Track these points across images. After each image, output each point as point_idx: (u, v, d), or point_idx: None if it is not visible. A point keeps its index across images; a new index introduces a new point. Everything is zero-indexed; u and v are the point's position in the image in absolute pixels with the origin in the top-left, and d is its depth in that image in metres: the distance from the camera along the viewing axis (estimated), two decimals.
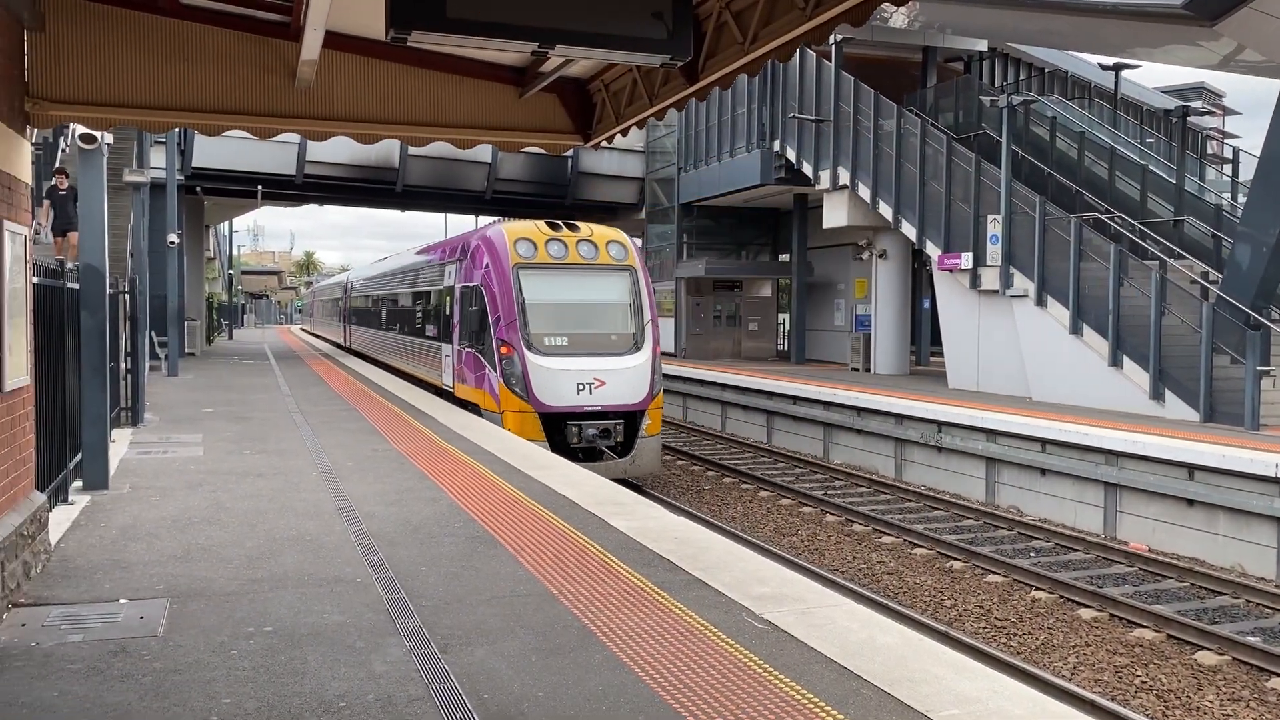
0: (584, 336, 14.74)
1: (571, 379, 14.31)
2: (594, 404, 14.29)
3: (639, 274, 15.37)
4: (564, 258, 15.23)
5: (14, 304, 5.80)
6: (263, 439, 12.43)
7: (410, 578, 6.18)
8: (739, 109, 28.76)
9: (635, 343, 14.88)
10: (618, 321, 15.01)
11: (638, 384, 14.56)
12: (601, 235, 15.77)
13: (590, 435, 14.27)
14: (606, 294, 15.22)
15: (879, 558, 12.18)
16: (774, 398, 21.23)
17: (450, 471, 10.08)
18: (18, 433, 5.96)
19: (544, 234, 15.43)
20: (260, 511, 8.13)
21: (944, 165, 21.49)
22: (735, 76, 5.41)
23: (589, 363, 14.46)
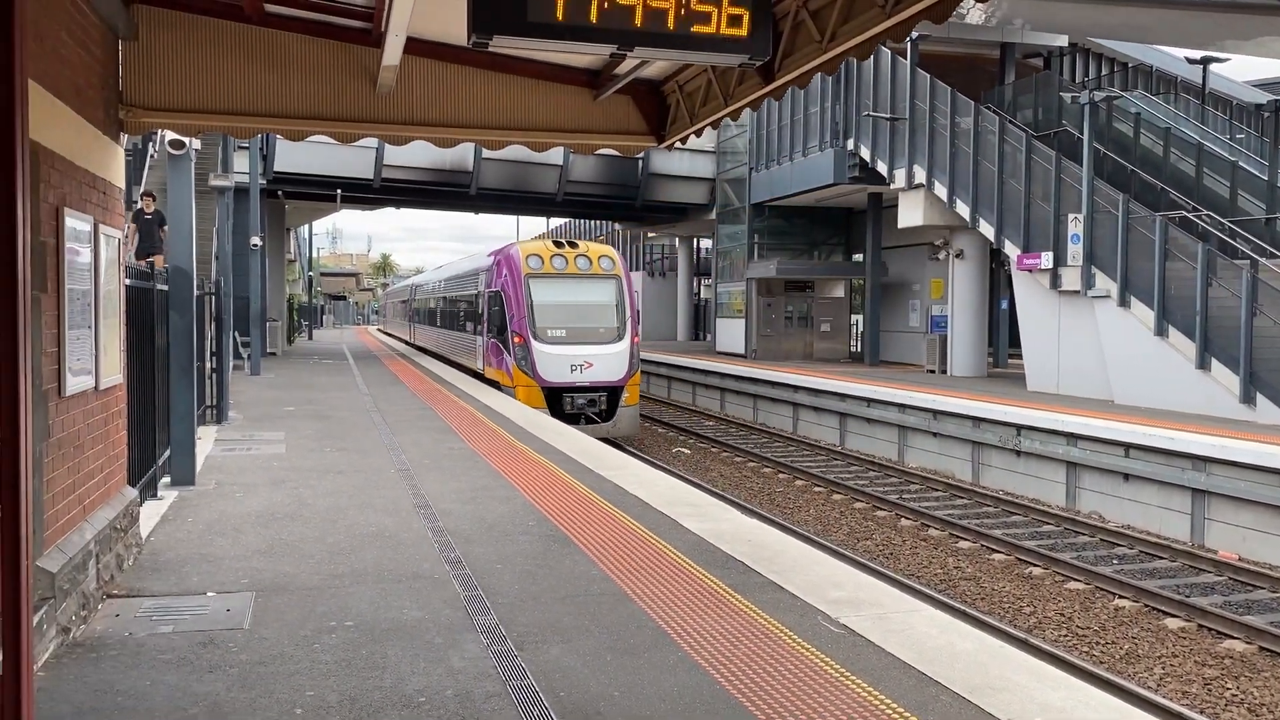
0: (577, 329, 18.96)
1: (567, 361, 18.60)
2: (584, 380, 18.66)
3: (623, 281, 19.65)
4: (564, 269, 19.49)
5: (108, 305, 6.00)
6: (342, 437, 12.69)
7: (486, 575, 6.24)
8: (812, 108, 28.52)
9: (618, 334, 19.15)
10: (604, 318, 19.21)
11: (618, 366, 18.89)
12: (595, 251, 19.97)
13: (580, 404, 18.60)
14: (596, 297, 19.35)
15: (956, 563, 11.97)
16: (847, 400, 21.01)
17: (523, 470, 10.17)
18: (111, 430, 6.17)
19: (550, 250, 19.70)
20: (340, 508, 8.29)
21: (1023, 163, 21.03)
22: (812, 75, 5.36)
23: (581, 350, 18.70)
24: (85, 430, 5.51)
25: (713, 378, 27.94)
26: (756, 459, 18.93)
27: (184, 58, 6.73)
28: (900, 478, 17.24)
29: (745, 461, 18.97)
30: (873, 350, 28.65)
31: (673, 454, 19.90)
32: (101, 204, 5.92)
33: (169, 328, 8.89)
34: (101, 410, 5.89)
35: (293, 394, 18.65)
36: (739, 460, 19.13)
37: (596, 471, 10.14)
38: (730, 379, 26.75)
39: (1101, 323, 18.95)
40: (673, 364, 31.07)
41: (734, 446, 20.24)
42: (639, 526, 7.64)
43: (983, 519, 14.11)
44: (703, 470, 18.07)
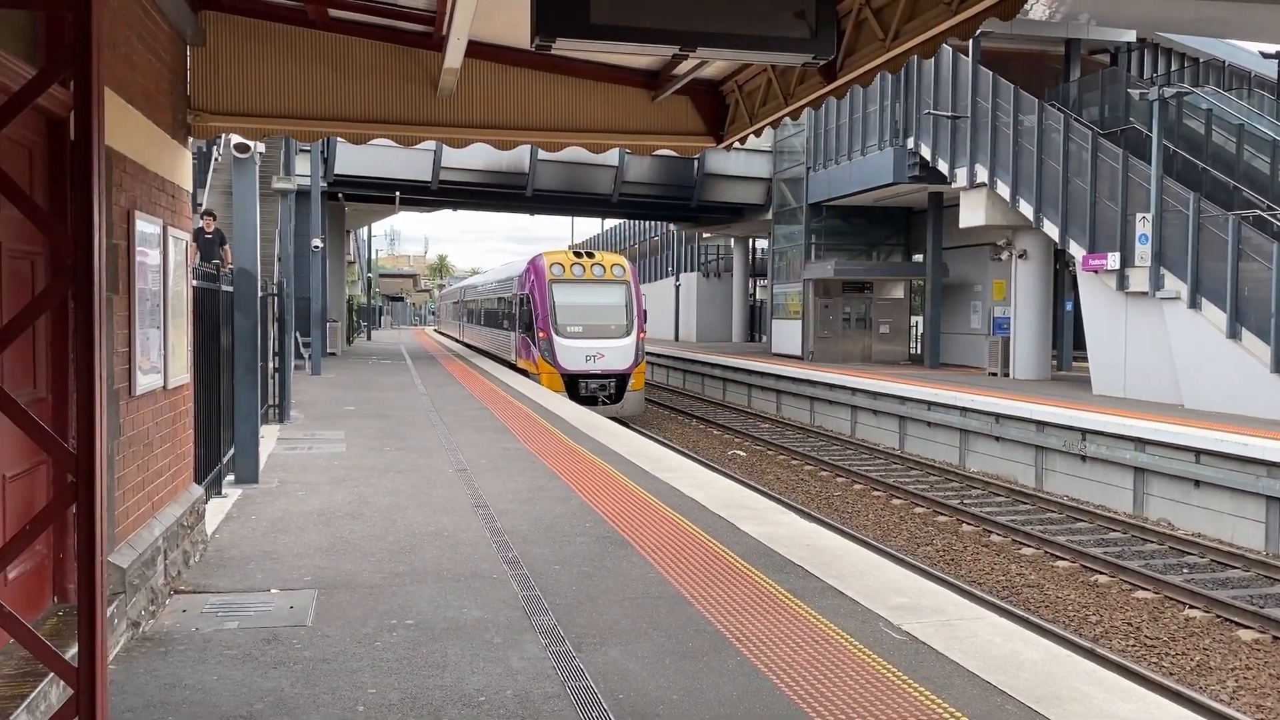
0: (592, 326, 22.55)
1: (582, 352, 22.20)
2: (596, 369, 22.23)
3: (631, 286, 23.33)
4: (582, 275, 23.11)
5: (176, 306, 6.14)
6: (401, 437, 12.85)
7: (544, 575, 6.27)
8: (871, 106, 28.25)
9: (626, 331, 22.77)
10: (614, 316, 22.84)
11: (625, 356, 22.48)
12: (608, 260, 23.69)
13: (593, 389, 22.16)
14: (608, 299, 22.91)
15: (1019, 570, 11.76)
16: (907, 403, 20.77)
17: (579, 471, 10.21)
18: (179, 428, 6.31)
19: (570, 259, 23.41)
20: (400, 507, 8.39)
21: (1089, 161, 20.61)
22: (875, 74, 5.30)
23: (594, 343, 22.38)
24: (154, 429, 5.65)
25: (769, 380, 27.81)
26: (814, 462, 18.80)
27: (249, 62, 6.86)
28: (961, 482, 17.00)
29: (802, 465, 18.85)
30: (933, 352, 28.27)
31: (728, 457, 19.84)
32: (170, 207, 6.05)
33: (234, 328, 9.08)
34: (170, 409, 6.02)
35: (352, 393, 18.94)
36: (796, 463, 19.02)
37: (652, 473, 10.13)
38: (787, 381, 26.60)
39: (1170, 325, 18.49)
40: (727, 365, 30.99)
41: (790, 449, 20.12)
42: (696, 529, 7.62)
43: (1046, 525, 13.85)
44: (759, 473, 17.99)
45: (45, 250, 4.44)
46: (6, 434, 3.84)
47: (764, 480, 17.17)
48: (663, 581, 6.18)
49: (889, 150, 27.03)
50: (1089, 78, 25.39)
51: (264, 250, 17.90)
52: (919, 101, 25.94)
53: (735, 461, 19.29)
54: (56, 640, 3.95)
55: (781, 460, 19.43)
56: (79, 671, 3.14)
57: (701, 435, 23.10)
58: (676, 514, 8.18)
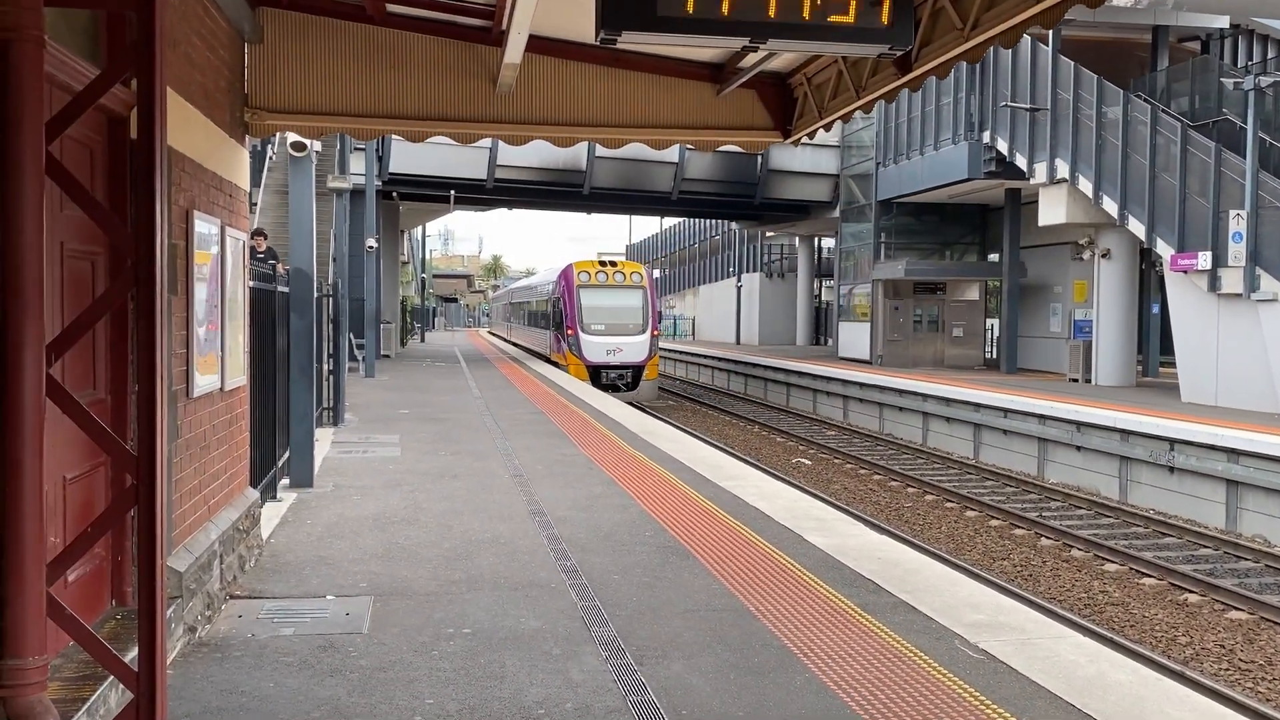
0: (613, 324, 27.52)
1: (604, 347, 27.25)
2: (615, 361, 27.29)
3: (648, 291, 28.30)
4: (605, 281, 28.13)
5: (233, 307, 6.27)
6: (456, 441, 12.99)
7: (603, 585, 6.29)
8: (944, 98, 27.89)
9: (641, 329, 27.66)
10: (632, 316, 27.84)
11: (640, 350, 27.49)
12: (628, 268, 29.09)
13: (612, 378, 27.19)
14: (627, 302, 27.93)
15: (1102, 587, 11.52)
16: (982, 409, 20.46)
17: (639, 478, 10.22)
18: (235, 431, 6.44)
19: (595, 268, 28.79)
20: (456, 512, 8.48)
21: (1178, 155, 20.13)
22: (953, 65, 5.23)
23: (614, 339, 27.41)
24: (211, 431, 5.77)
25: (835, 385, 27.59)
26: (883, 471, 18.61)
27: (307, 60, 6.99)
28: (1039, 494, 16.71)
29: (871, 474, 18.67)
30: (1009, 357, 27.81)
31: (793, 465, 19.73)
32: (228, 206, 6.19)
33: (289, 329, 9.24)
34: (226, 411, 6.15)
35: (407, 396, 19.18)
36: (864, 472, 18.84)
37: (714, 481, 10.11)
38: (854, 386, 26.37)
39: (1267, 328, 17.96)
40: (791, 370, 30.82)
41: (858, 458, 19.94)
42: (760, 540, 7.59)
43: (1131, 540, 13.54)
44: (825, 482, 17.86)
45: (105, 250, 4.56)
46: (67, 435, 3.95)
47: (831, 490, 17.04)
48: (726, 594, 6.15)
49: (964, 144, 26.66)
50: (1178, 67, 24.79)
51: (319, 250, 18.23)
52: (995, 93, 25.55)
53: (800, 470, 19.17)
54: (115, 644, 4.05)
55: (849, 469, 19.26)
56: (139, 675, 3.21)
57: (764, 442, 23.01)
58: (739, 524, 8.15)
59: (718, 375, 39.67)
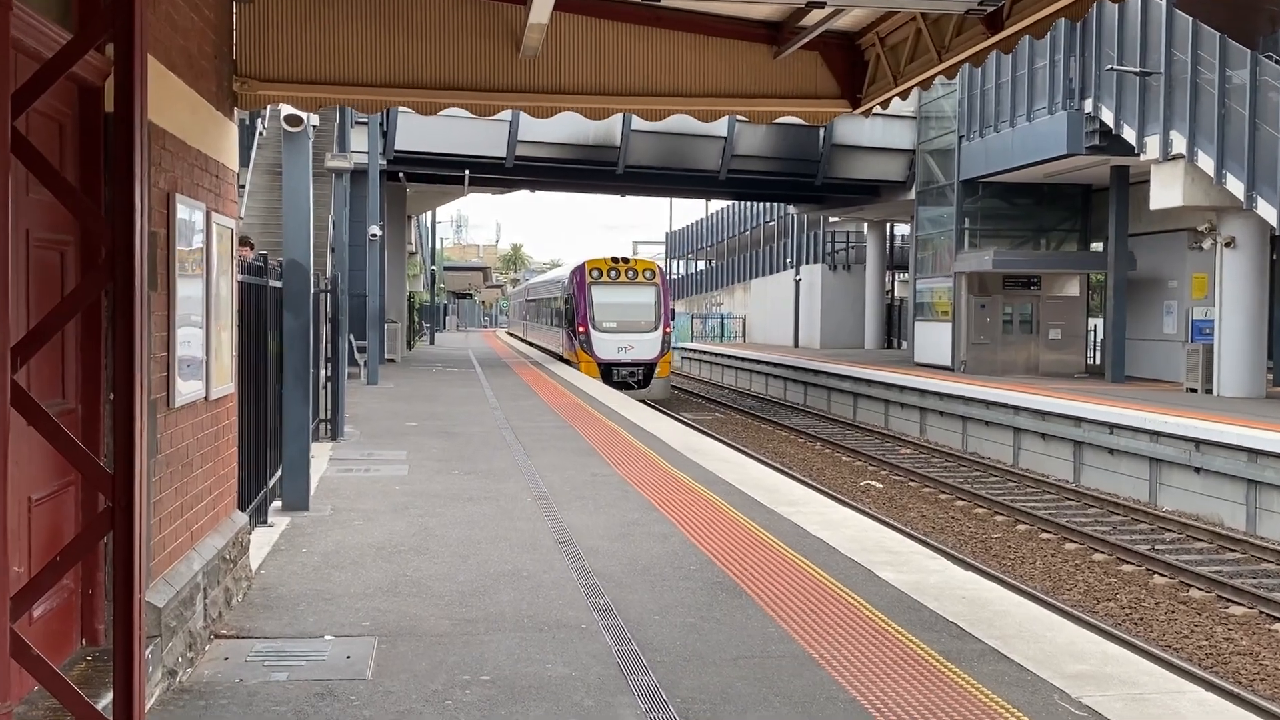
0: (625, 322, 31.22)
1: (615, 344, 30.91)
2: (627, 358, 31.01)
3: (660, 288, 32.25)
4: (617, 279, 32.07)
5: (220, 304, 6.33)
6: (472, 458, 13.05)
7: (642, 627, 6.28)
8: (1039, 61, 27.66)
9: (653, 326, 31.44)
10: (644, 314, 31.58)
11: (652, 347, 31.25)
12: (641, 265, 33.34)
13: (624, 375, 30.73)
14: (639, 299, 31.71)
15: (1225, 633, 11.35)
16: (1083, 424, 20.26)
17: (682, 503, 10.21)
18: (221, 445, 6.51)
19: (608, 265, 32.60)
20: (472, 541, 8.51)
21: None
22: (1051, 22, 5.18)
23: (625, 336, 31.05)
24: (195, 446, 5.83)
25: (910, 395, 27.44)
26: (967, 496, 18.48)
27: (304, 21, 7.05)
28: (1151, 523, 16.51)
29: (952, 499, 18.54)
30: (1116, 363, 27.48)
31: (861, 488, 19.65)
32: (214, 189, 6.25)
33: (283, 329, 9.33)
34: (212, 423, 6.21)
35: (415, 407, 19.31)
36: (945, 497, 18.72)
37: (770, 507, 10.08)
38: (932, 397, 26.22)
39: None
40: (859, 378, 30.70)
41: (938, 480, 19.82)
42: (824, 575, 7.55)
43: (1261, 578, 13.34)
44: (899, 508, 17.77)
45: (77, 239, 4.61)
46: (33, 450, 3.99)
47: (906, 518, 16.94)
48: (785, 638, 6.12)
49: (1062, 115, 26.42)
50: None
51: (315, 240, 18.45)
52: (1100, 55, 25.28)
53: (870, 494, 19.08)
54: (87, 689, 4.09)
55: (927, 494, 19.14)
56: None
57: (828, 462, 22.92)
58: (800, 556, 8.11)
59: (773, 383, 39.57)
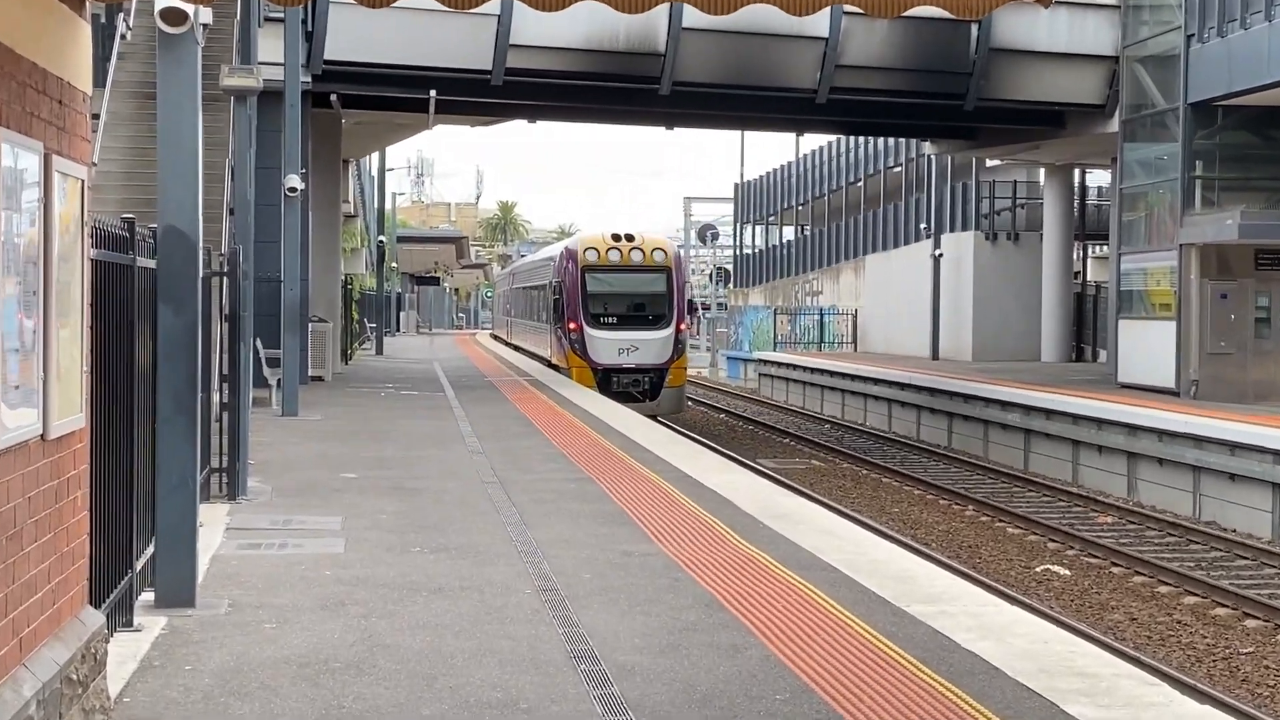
0: (626, 316, 35.21)
1: (615, 345, 34.43)
2: (630, 362, 34.52)
3: (673, 273, 36.35)
4: (619, 261, 35.89)
5: (64, 296, 6.34)
6: (440, 527, 13.07)
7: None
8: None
9: (665, 321, 35.17)
10: (652, 306, 35.46)
11: (662, 350, 34.71)
12: (649, 243, 37.03)
13: (625, 384, 34.10)
14: (646, 287, 35.71)
15: None
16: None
17: (763, 597, 10.17)
18: (66, 509, 6.52)
19: (607, 243, 36.55)
20: (442, 655, 8.52)
21: None
22: None
23: (628, 334, 34.72)
24: (24, 509, 5.83)
25: (1112, 433, 27.27)
26: (1200, 588, 18.30)
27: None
28: None
29: (1178, 593, 18.36)
30: None
31: (1037, 575, 19.52)
32: (55, 120, 6.27)
33: (157, 332, 9.36)
34: (51, 474, 6.23)
35: (354, 449, 19.36)
36: (1166, 590, 18.56)
37: (898, 605, 10.01)
38: (1146, 436, 26.04)
39: None
40: (1029, 404, 30.52)
41: (1154, 564, 19.68)
42: (985, 712, 7.49)
43: None
44: (1096, 607, 17.64)
45: None
46: None
47: (1107, 621, 16.81)
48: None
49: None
50: None
51: (206, 196, 18.61)
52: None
53: (1051, 584, 18.96)
54: None
55: (1139, 585, 18.99)
56: None
57: (986, 535, 22.85)
58: (945, 683, 8.06)
59: (900, 414, 39.40)
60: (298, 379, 24.71)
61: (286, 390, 24.04)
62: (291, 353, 24.48)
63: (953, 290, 48.57)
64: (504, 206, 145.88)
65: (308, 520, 13.46)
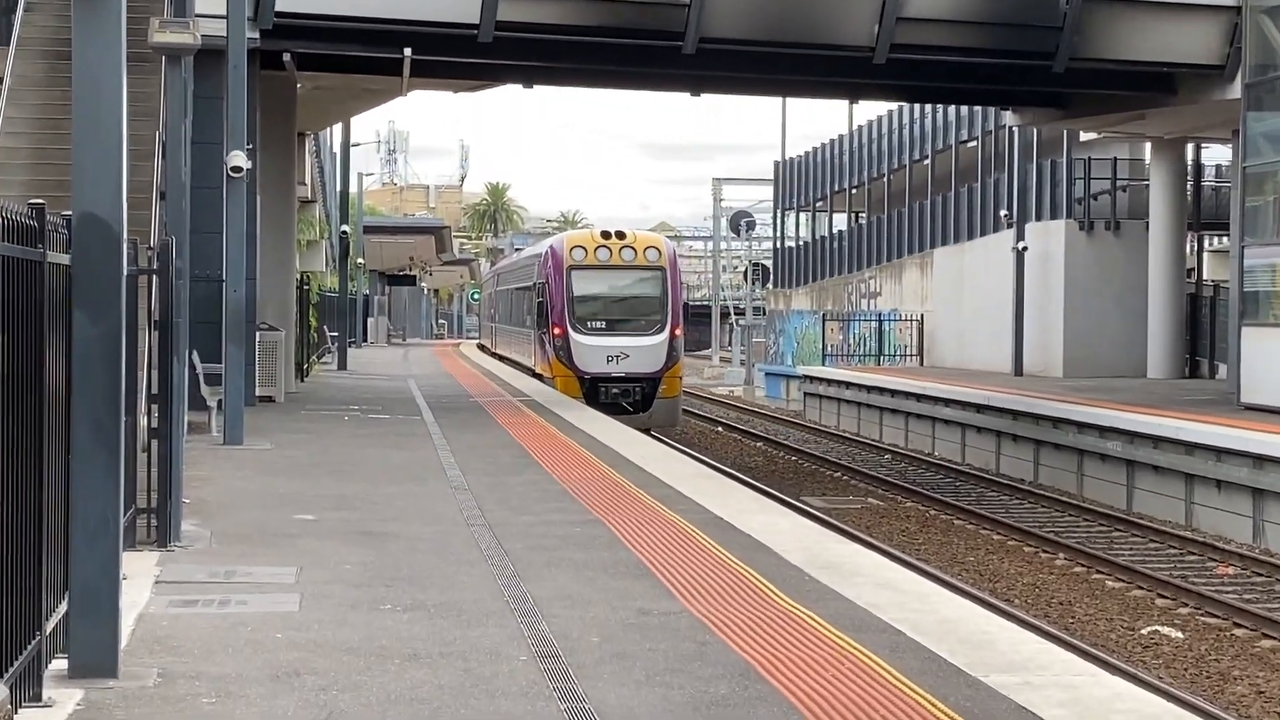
0: (616, 321, 39.08)
1: (603, 352, 38.29)
2: (619, 371, 38.45)
3: (668, 273, 39.69)
4: (608, 260, 39.90)
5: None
6: (416, 580, 13.03)
7: None
8: None
9: (658, 326, 38.63)
10: (644, 309, 38.95)
11: (655, 357, 38.44)
12: (642, 241, 41.22)
13: (614, 394, 37.70)
14: (637, 289, 39.41)
15: None
16: None
17: (808, 662, 10.14)
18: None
19: (595, 241, 41.18)
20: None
21: None
22: None
23: (618, 340, 38.55)
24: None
25: (1233, 465, 27.24)
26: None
27: None
28: None
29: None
30: None
31: (1142, 638, 19.48)
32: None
33: (71, 341, 9.33)
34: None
35: (311, 486, 19.36)
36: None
37: (973, 675, 9.98)
38: (1275, 469, 25.90)
39: None
40: (1133, 431, 30.44)
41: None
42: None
43: None
44: (1215, 677, 17.63)
45: None
46: None
47: (1229, 695, 16.77)
48: None
49: None
50: None
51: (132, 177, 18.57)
52: None
53: (1160, 648, 18.91)
54: None
55: (1268, 651, 18.95)
56: None
57: (1081, 589, 22.92)
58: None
59: (974, 441, 39.36)
60: (243, 400, 24.66)
61: (229, 413, 24.03)
62: (236, 368, 24.45)
63: (1039, 291, 48.54)
64: (494, 190, 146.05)
65: (255, 572, 13.43)
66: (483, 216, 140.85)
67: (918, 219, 62.71)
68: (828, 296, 72.26)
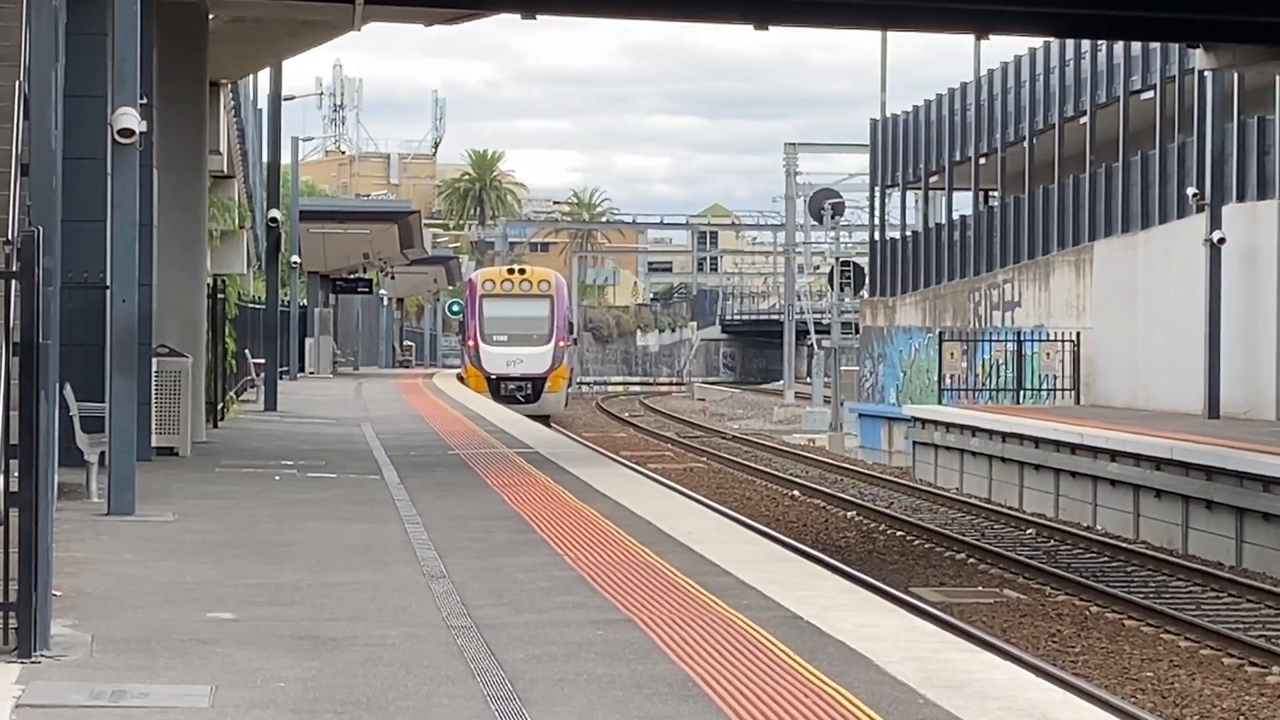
0: (515, 335, 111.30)
1: (504, 358, 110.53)
2: (515, 372, 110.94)
3: (554, 300, 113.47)
4: (511, 290, 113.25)
5: None
6: (379, 705, 12.95)
7: None
8: None
9: (546, 339, 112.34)
10: (536, 327, 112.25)
11: (542, 361, 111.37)
12: (537, 275, 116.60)
13: (511, 389, 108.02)
14: (531, 311, 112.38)
15: None
16: None
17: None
18: None
19: (502, 276, 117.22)
20: None
21: None
22: None
23: (515, 350, 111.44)
24: None
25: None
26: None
27: None
28: None
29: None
30: None
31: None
32: None
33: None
34: None
35: (231, 572, 19.36)
36: None
37: None
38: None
39: None
40: (1250, 472, 30.61)
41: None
42: None
43: None
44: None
45: None
46: None
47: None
48: None
49: None
50: None
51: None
52: None
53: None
54: None
55: None
56: None
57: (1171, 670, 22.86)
58: None
59: (1152, 509, 39.54)
60: (134, 453, 24.68)
61: (116, 472, 24.03)
62: (124, 408, 24.44)
63: (1242, 300, 48.53)
64: (480, 161, 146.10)
65: (153, 692, 13.38)
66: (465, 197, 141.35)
67: (1071, 200, 62.76)
68: (945, 308, 72.35)
